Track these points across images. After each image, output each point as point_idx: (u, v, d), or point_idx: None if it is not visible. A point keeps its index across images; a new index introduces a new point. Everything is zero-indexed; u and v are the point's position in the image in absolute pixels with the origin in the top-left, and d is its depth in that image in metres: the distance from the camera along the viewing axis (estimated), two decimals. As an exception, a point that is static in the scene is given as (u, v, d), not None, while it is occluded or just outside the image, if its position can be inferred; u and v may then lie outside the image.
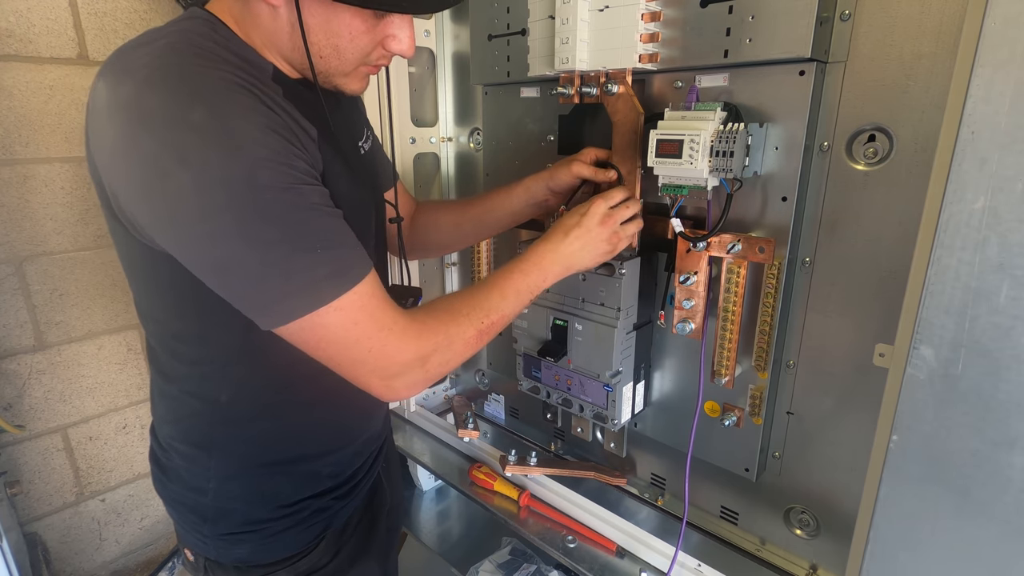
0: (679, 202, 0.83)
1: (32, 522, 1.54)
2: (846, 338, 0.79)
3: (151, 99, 0.51)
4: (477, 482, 1.15)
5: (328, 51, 0.61)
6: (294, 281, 0.54)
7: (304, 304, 0.55)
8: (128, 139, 0.52)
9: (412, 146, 1.29)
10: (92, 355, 1.56)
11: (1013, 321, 0.48)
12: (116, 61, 0.56)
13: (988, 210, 0.48)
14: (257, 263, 0.54)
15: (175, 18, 0.63)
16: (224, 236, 0.53)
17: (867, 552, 0.62)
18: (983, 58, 0.46)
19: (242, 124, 0.52)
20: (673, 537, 0.94)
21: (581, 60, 0.84)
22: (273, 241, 0.53)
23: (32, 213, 1.40)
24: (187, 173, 0.51)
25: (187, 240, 0.54)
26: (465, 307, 0.68)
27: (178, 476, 0.74)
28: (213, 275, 0.56)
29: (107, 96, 0.54)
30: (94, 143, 0.57)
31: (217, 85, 0.53)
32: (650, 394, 1.01)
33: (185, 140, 0.50)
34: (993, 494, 0.53)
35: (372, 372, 0.61)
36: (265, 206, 0.53)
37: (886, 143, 0.71)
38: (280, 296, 0.55)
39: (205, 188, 0.51)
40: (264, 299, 0.55)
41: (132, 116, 0.52)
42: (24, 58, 1.33)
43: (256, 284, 0.55)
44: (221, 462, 0.72)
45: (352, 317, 0.57)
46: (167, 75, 0.53)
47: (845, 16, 0.71)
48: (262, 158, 0.52)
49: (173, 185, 0.51)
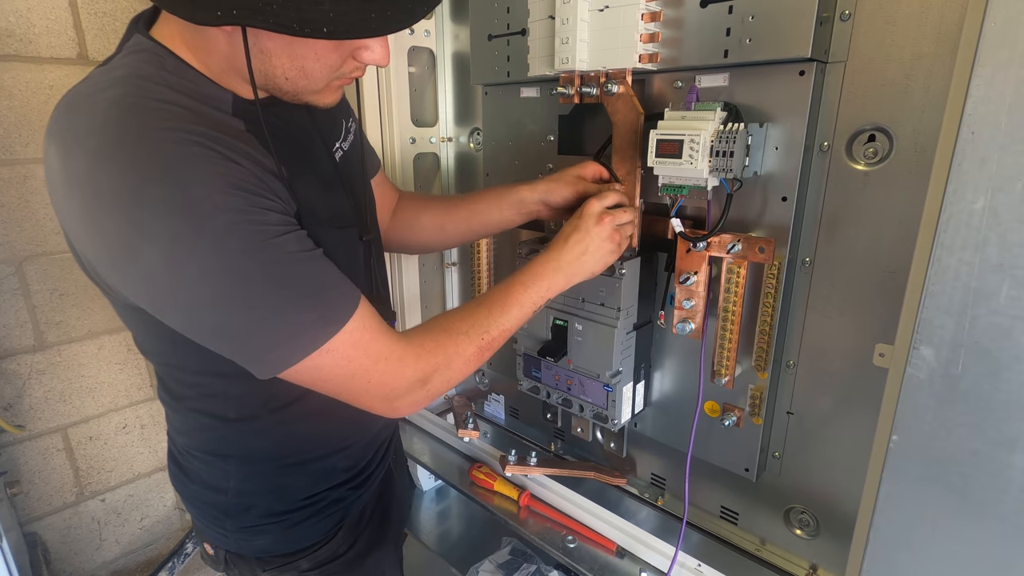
0: (679, 202, 0.83)
1: (32, 522, 1.54)
2: (846, 338, 0.79)
3: (105, 177, 0.50)
4: (477, 482, 1.15)
5: (294, 73, 0.57)
6: (282, 332, 0.54)
7: (295, 352, 0.55)
8: (90, 216, 0.51)
9: (412, 146, 1.29)
10: (92, 355, 1.56)
11: (1013, 321, 0.48)
12: (63, 121, 0.54)
13: (988, 210, 0.48)
14: (242, 322, 0.54)
15: (120, 50, 0.59)
16: (204, 304, 0.53)
17: (867, 552, 0.62)
18: (983, 58, 0.46)
19: (202, 191, 0.50)
20: (673, 537, 0.94)
21: (581, 60, 0.84)
22: (254, 300, 0.53)
23: (32, 213, 1.41)
24: (155, 249, 0.50)
25: (168, 311, 0.55)
26: (464, 325, 0.68)
27: (198, 476, 0.76)
28: (200, 338, 0.56)
29: (60, 167, 0.52)
30: (57, 208, 0.56)
31: (172, 151, 0.50)
32: (650, 394, 1.01)
33: (146, 217, 0.49)
34: (993, 494, 0.53)
35: (374, 398, 0.62)
36: (240, 270, 0.52)
37: (886, 143, 0.71)
38: (270, 347, 0.55)
39: (177, 263, 0.50)
40: (255, 353, 0.56)
41: (88, 194, 0.50)
42: (24, 58, 1.33)
43: (245, 340, 0.55)
44: (239, 467, 0.73)
45: (345, 355, 0.57)
46: (119, 144, 0.50)
47: (845, 16, 0.71)
48: (228, 223, 0.51)
49: (144, 262, 0.51)
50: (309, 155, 0.68)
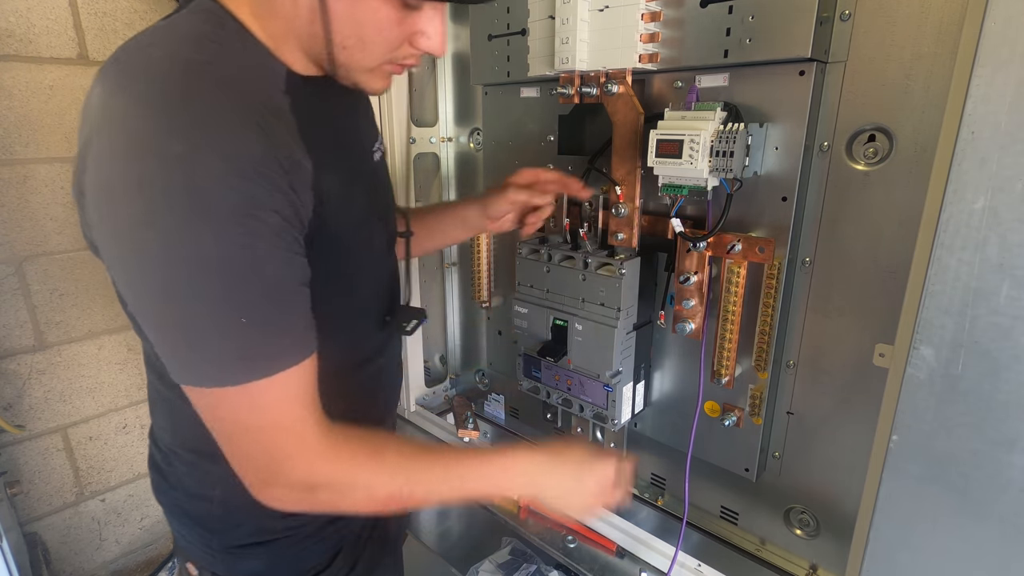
0: (679, 202, 0.82)
1: (32, 522, 1.54)
2: (846, 338, 0.79)
3: (138, 118, 0.47)
4: (477, 482, 1.15)
5: (352, 41, 0.56)
6: (213, 349, 0.49)
7: (211, 374, 0.50)
8: (106, 154, 0.49)
9: (412, 146, 1.29)
10: (92, 355, 1.56)
11: (1013, 321, 0.48)
12: (115, 66, 0.52)
13: (988, 210, 0.48)
14: (174, 316, 0.49)
15: (182, 7, 0.57)
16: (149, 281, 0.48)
17: (867, 552, 0.62)
18: (983, 58, 0.46)
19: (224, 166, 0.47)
20: (673, 537, 0.94)
21: (581, 60, 0.84)
22: (196, 300, 0.48)
23: (32, 213, 1.40)
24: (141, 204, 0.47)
25: (116, 267, 0.51)
26: (395, 462, 0.59)
27: (180, 482, 0.69)
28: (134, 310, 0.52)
29: (100, 106, 0.50)
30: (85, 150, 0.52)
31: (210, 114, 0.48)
32: (650, 394, 1.01)
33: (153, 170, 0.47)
34: (993, 494, 0.53)
35: (253, 468, 0.55)
36: (206, 262, 0.47)
37: (886, 143, 0.71)
38: (187, 356, 0.50)
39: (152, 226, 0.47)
40: (171, 351, 0.51)
41: (116, 132, 0.48)
42: (24, 58, 1.33)
43: (167, 337, 0.50)
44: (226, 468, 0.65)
45: (258, 404, 0.51)
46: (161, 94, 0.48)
47: (845, 16, 0.71)
48: (234, 208, 0.48)
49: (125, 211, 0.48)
50: (349, 147, 0.66)
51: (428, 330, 1.44)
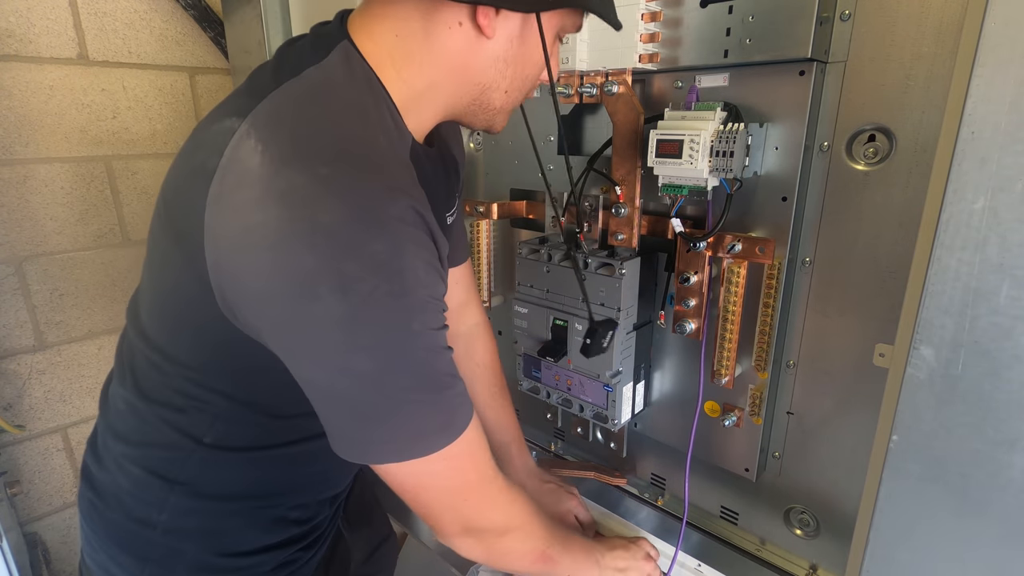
0: (679, 202, 0.83)
1: (32, 522, 1.54)
2: (846, 338, 0.79)
3: (330, 210, 0.45)
4: (477, 482, 1.15)
5: (518, 83, 0.56)
6: (408, 429, 0.51)
7: (412, 449, 0.52)
8: (284, 240, 0.45)
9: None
10: (92, 355, 1.56)
11: (1013, 321, 0.48)
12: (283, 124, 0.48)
13: (988, 210, 0.48)
14: (377, 405, 0.50)
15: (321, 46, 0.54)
16: (356, 375, 0.49)
17: (867, 552, 0.62)
18: (983, 58, 0.46)
19: (414, 262, 0.48)
20: (673, 537, 0.94)
21: (581, 60, 0.84)
22: (403, 388, 0.50)
23: (32, 213, 1.41)
24: (343, 304, 0.46)
25: (311, 365, 0.50)
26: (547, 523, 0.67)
27: (120, 503, 0.63)
28: (322, 400, 0.52)
29: (269, 173, 0.46)
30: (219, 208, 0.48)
31: (400, 209, 0.48)
32: (650, 394, 1.01)
33: (354, 270, 0.45)
34: (993, 494, 0.53)
35: (457, 520, 0.57)
36: (409, 354, 0.49)
37: (886, 143, 0.71)
38: (388, 439, 0.51)
39: (358, 325, 0.47)
40: (369, 438, 0.52)
41: (300, 217, 0.45)
42: (24, 58, 1.33)
43: (367, 423, 0.51)
44: (182, 499, 0.62)
45: (458, 465, 0.54)
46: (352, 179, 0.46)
47: (845, 16, 0.71)
48: (423, 301, 0.49)
49: (322, 309, 0.46)
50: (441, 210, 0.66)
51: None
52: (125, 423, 0.64)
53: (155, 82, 1.53)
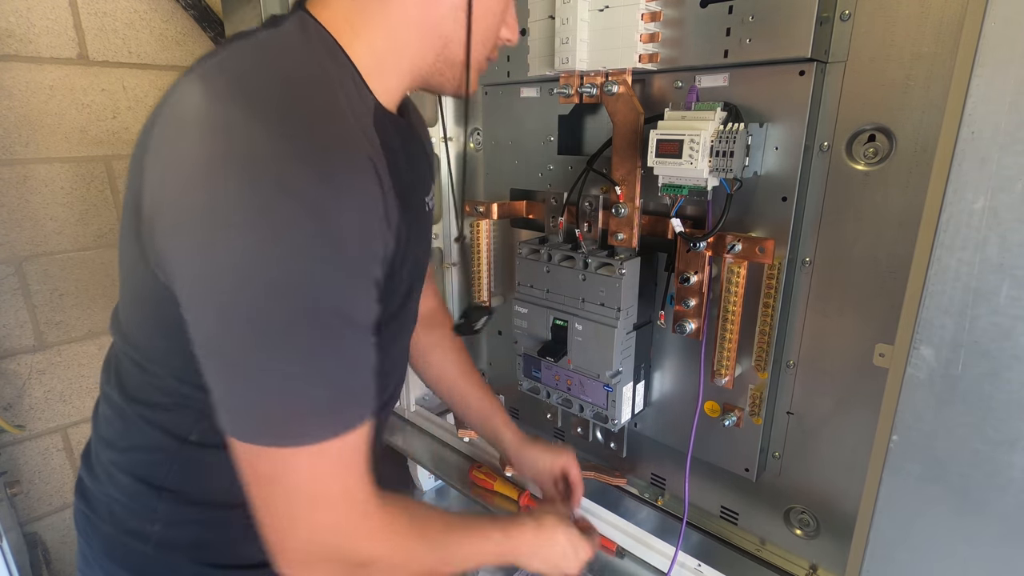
0: (679, 202, 0.83)
1: (32, 522, 1.54)
2: (846, 338, 0.79)
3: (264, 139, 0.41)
4: (477, 482, 1.15)
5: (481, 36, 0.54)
6: (288, 404, 0.45)
7: (285, 433, 0.45)
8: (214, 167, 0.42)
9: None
10: (92, 355, 1.56)
11: (1013, 321, 0.48)
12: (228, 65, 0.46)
13: (988, 210, 0.48)
14: (255, 363, 0.44)
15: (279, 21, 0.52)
16: (243, 319, 0.43)
17: (867, 552, 0.62)
18: (983, 58, 0.46)
19: (346, 212, 0.43)
20: (673, 537, 0.94)
21: (581, 60, 0.84)
22: (289, 349, 0.43)
23: (32, 213, 1.40)
24: (253, 234, 0.41)
25: (202, 299, 0.45)
26: (434, 537, 0.58)
27: (111, 514, 0.61)
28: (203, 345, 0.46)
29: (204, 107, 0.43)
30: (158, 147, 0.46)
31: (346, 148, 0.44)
32: (650, 394, 1.01)
33: (276, 200, 0.41)
34: (993, 494, 0.53)
35: (300, 544, 0.48)
36: (307, 311, 0.43)
37: (886, 143, 0.71)
38: (258, 410, 0.45)
39: (267, 260, 0.41)
40: (242, 406, 0.45)
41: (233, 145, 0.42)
42: (24, 58, 1.33)
43: (241, 383, 0.45)
44: (172, 506, 0.59)
45: (326, 470, 0.46)
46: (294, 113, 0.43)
47: (845, 16, 0.71)
48: (347, 259, 0.44)
49: (233, 236, 0.41)
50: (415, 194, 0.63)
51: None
52: (112, 428, 0.62)
53: (155, 82, 1.53)
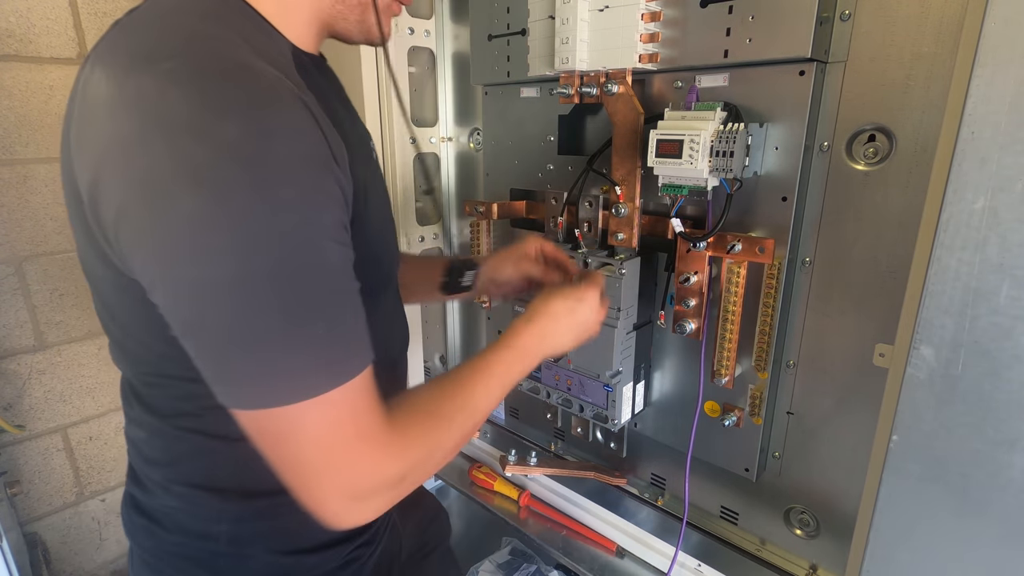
0: (679, 202, 0.83)
1: (32, 522, 1.54)
2: (846, 338, 0.79)
3: (177, 99, 0.40)
4: (477, 482, 1.15)
5: None
6: (279, 362, 0.43)
7: (282, 392, 0.43)
8: (135, 143, 0.41)
9: (412, 146, 1.29)
10: (92, 355, 1.56)
11: (1013, 321, 0.48)
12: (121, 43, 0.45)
13: (988, 210, 0.48)
14: (241, 329, 0.42)
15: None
16: (210, 288, 0.41)
17: (867, 552, 0.62)
18: (983, 58, 0.46)
19: (284, 150, 0.41)
20: (673, 537, 0.94)
21: (581, 60, 0.84)
22: (270, 305, 0.42)
23: (32, 213, 1.40)
24: (197, 200, 0.39)
25: (165, 277, 0.43)
26: (449, 408, 0.57)
27: (177, 524, 0.62)
28: (181, 325, 0.44)
29: (111, 90, 0.42)
30: (81, 142, 0.45)
31: (264, 90, 0.42)
32: (650, 394, 1.01)
33: (209, 159, 0.39)
34: (993, 494, 0.53)
35: (336, 489, 0.48)
36: (275, 264, 0.41)
37: (886, 143, 0.71)
38: (256, 375, 0.43)
39: (212, 224, 0.40)
40: (235, 373, 0.43)
41: (147, 118, 0.40)
42: (24, 58, 1.33)
43: (232, 354, 0.43)
44: (235, 504, 0.60)
45: (336, 417, 0.45)
46: (200, 72, 0.41)
47: (845, 16, 0.71)
48: (294, 200, 0.42)
49: (174, 210, 0.40)
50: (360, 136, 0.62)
51: (428, 330, 1.44)
52: (153, 447, 0.62)
53: (155, 82, 1.53)
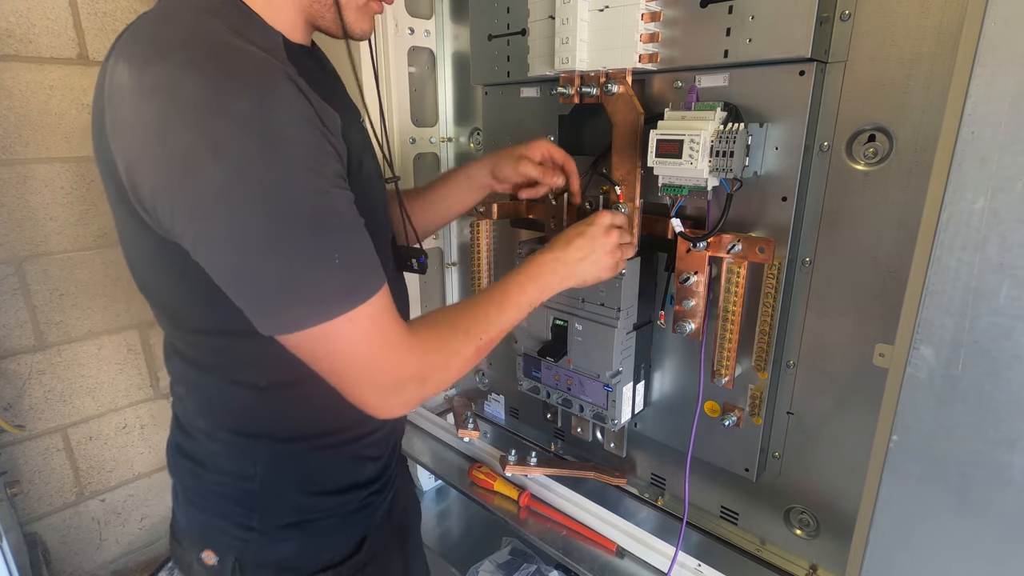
0: (679, 202, 0.83)
1: (32, 522, 1.54)
2: (846, 338, 0.79)
3: (189, 87, 0.48)
4: (477, 482, 1.15)
5: None
6: (308, 290, 0.52)
7: (316, 313, 0.53)
8: (161, 126, 0.49)
9: (412, 146, 1.29)
10: (92, 355, 1.56)
11: (1013, 321, 0.48)
12: (139, 40, 0.52)
13: (988, 210, 0.48)
14: (274, 267, 0.52)
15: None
16: (245, 238, 0.51)
17: (867, 552, 0.62)
18: (983, 58, 0.46)
19: (284, 117, 0.50)
20: (673, 537, 0.94)
21: (581, 60, 0.84)
22: (296, 245, 0.51)
23: (32, 213, 1.40)
24: (221, 167, 0.48)
25: (205, 236, 0.52)
26: (465, 323, 0.67)
27: (219, 466, 0.71)
28: (224, 274, 0.54)
29: (133, 80, 0.50)
30: (114, 129, 0.53)
31: (260, 70, 0.50)
32: (650, 394, 1.01)
33: (225, 132, 0.48)
34: (993, 494, 0.53)
35: (372, 387, 0.59)
36: (296, 208, 0.51)
37: (886, 143, 0.71)
38: (291, 302, 0.53)
39: (237, 186, 0.49)
40: (273, 304, 0.53)
41: (165, 103, 0.48)
42: (24, 58, 1.33)
43: (269, 289, 0.53)
44: (269, 446, 0.69)
45: (362, 330, 0.56)
46: (208, 57, 0.49)
47: (845, 16, 0.71)
48: (300, 157, 0.51)
49: (203, 179, 0.49)
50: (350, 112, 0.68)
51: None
52: (193, 399, 0.71)
53: (155, 82, 1.53)
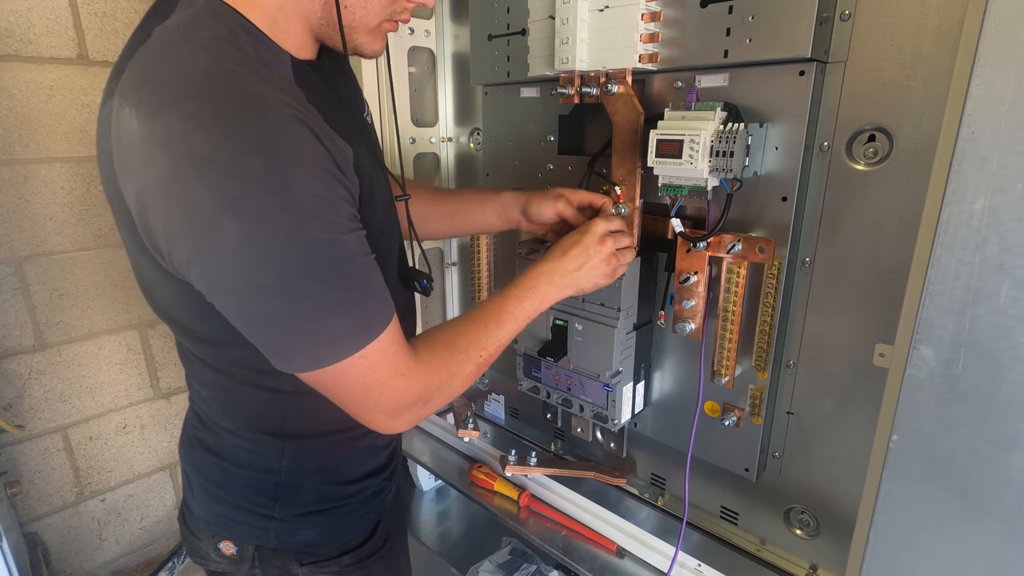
0: (679, 202, 0.83)
1: (32, 522, 1.54)
2: (846, 338, 0.79)
3: (201, 145, 0.48)
4: (477, 482, 1.15)
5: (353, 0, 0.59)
6: (323, 334, 0.55)
7: (330, 355, 0.55)
8: (177, 182, 0.49)
9: (412, 146, 1.29)
10: (92, 355, 1.56)
11: (1013, 321, 0.48)
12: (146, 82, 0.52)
13: (988, 210, 0.48)
14: (290, 316, 0.53)
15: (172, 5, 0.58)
16: (261, 290, 0.52)
17: (867, 552, 0.62)
18: (983, 58, 0.46)
19: (298, 172, 0.50)
20: (673, 537, 0.94)
21: (581, 60, 0.84)
22: (309, 296, 0.53)
23: (32, 213, 1.41)
24: (237, 224, 0.49)
25: (221, 285, 0.54)
26: (464, 341, 0.68)
27: (242, 459, 0.73)
28: (239, 319, 0.55)
29: (144, 129, 0.50)
30: (124, 174, 0.54)
31: (273, 125, 0.50)
32: (650, 394, 1.01)
33: (240, 189, 0.48)
34: (993, 494, 0.53)
35: (380, 411, 0.62)
36: (309, 261, 0.52)
37: (886, 143, 0.71)
38: (307, 347, 0.55)
39: (253, 242, 0.50)
40: (290, 348, 0.55)
41: (181, 158, 0.49)
42: (24, 58, 1.33)
43: (285, 335, 0.55)
44: (293, 443, 0.71)
45: (371, 365, 0.58)
46: (218, 112, 0.49)
47: (845, 16, 0.71)
48: (315, 209, 0.51)
49: (219, 234, 0.50)
50: (355, 124, 0.68)
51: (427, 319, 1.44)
52: (217, 402, 0.72)
53: (155, 82, 1.53)
